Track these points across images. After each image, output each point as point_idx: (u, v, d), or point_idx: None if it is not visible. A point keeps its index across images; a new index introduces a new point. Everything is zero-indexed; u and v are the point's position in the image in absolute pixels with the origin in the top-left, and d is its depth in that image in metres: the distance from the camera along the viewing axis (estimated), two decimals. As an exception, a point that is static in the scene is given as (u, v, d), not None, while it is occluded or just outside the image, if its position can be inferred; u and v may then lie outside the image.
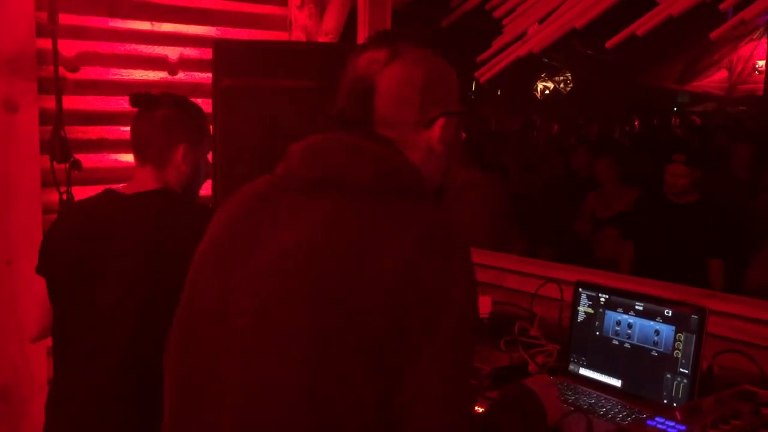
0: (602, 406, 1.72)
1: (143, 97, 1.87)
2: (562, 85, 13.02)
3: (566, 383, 1.87)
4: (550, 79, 13.06)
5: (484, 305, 2.40)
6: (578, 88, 12.97)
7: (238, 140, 2.90)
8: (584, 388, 1.83)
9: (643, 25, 3.05)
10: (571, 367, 1.93)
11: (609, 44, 3.20)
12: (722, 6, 2.80)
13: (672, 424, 1.35)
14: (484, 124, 8.50)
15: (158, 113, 1.85)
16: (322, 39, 3.40)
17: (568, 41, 10.61)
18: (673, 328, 1.72)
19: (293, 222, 1.11)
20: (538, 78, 13.07)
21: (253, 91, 2.99)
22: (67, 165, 2.66)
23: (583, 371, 1.90)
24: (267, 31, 3.50)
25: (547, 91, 13.08)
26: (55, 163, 2.64)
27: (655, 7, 3.00)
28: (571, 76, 12.98)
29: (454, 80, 1.26)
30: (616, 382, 1.82)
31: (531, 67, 12.99)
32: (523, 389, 1.35)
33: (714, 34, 2.89)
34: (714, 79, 11.80)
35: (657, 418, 1.38)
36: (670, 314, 1.73)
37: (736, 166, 4.75)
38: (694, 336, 1.68)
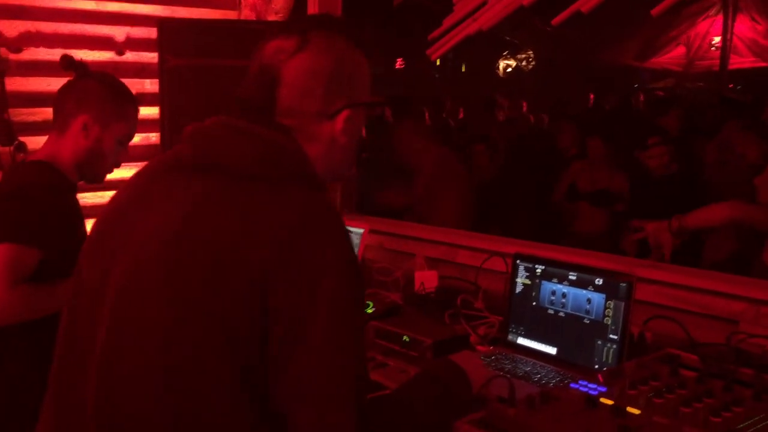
0: (537, 373, 1.78)
1: (75, 63, 1.86)
2: (524, 63, 13.08)
3: (504, 353, 1.92)
4: (513, 57, 13.11)
5: (431, 280, 2.45)
6: (540, 66, 13.05)
7: (186, 121, 2.89)
8: (522, 357, 1.89)
9: (587, 3, 3.09)
10: (510, 337, 1.98)
11: (555, 21, 3.24)
12: (663, -17, 2.86)
13: (594, 386, 1.41)
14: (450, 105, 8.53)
15: (81, 83, 1.85)
16: (271, 18, 3.39)
17: (529, 19, 10.68)
18: (604, 296, 1.78)
19: (167, 202, 1.13)
20: (501, 56, 13.11)
21: (201, 70, 2.98)
22: (12, 148, 2.64)
23: (521, 341, 1.96)
24: (216, 10, 3.47)
25: (509, 69, 13.13)
26: (-1, 147, 2.62)
27: (598, -15, 3.04)
28: (533, 54, 13.04)
29: (364, 71, 1.26)
30: (552, 350, 1.88)
31: (494, 45, 13.03)
32: (446, 363, 1.40)
33: (655, 11, 2.95)
34: (672, 56, 11.93)
35: (581, 381, 1.43)
36: (600, 283, 1.79)
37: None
38: (623, 303, 1.74)
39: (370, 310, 2.23)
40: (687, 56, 11.73)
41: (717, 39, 11.08)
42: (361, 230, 2.58)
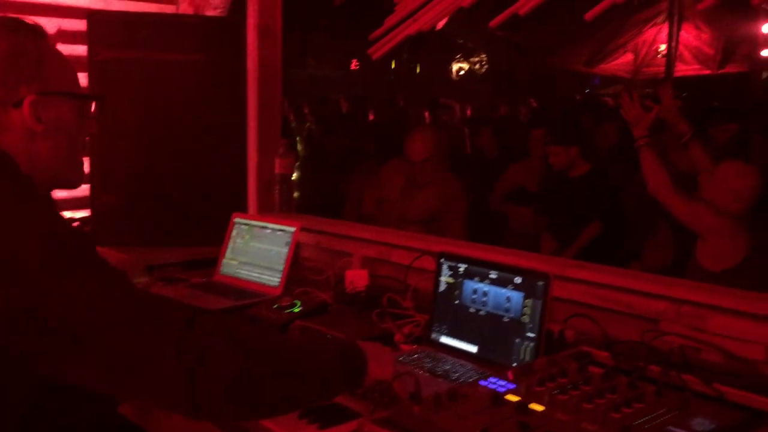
0: (456, 372, 1.78)
1: None
2: (477, 66, 13.22)
3: (427, 351, 1.92)
4: (466, 59, 13.23)
5: (361, 279, 2.44)
6: (493, 69, 13.21)
7: (117, 116, 2.83)
8: (443, 356, 1.89)
9: (524, 5, 3.12)
10: (434, 335, 1.98)
11: (492, 23, 3.27)
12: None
13: (503, 383, 1.42)
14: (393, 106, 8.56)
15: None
16: (210, 13, 3.35)
17: (482, 23, 10.79)
18: (522, 294, 1.79)
19: None
20: (454, 59, 13.23)
21: (135, 64, 2.92)
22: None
23: (444, 339, 1.96)
24: (155, 4, 3.41)
25: (462, 72, 13.25)
26: None
27: (534, -13, 3.08)
28: (486, 57, 13.18)
29: (59, 61, 1.24)
30: (473, 348, 1.89)
31: (448, 48, 13.14)
32: (346, 341, 1.38)
33: (588, 15, 2.99)
34: (621, 62, 12.16)
35: (490, 378, 1.44)
36: (519, 282, 1.81)
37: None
38: (540, 301, 1.76)
39: (297, 309, 2.21)
40: (635, 63, 11.98)
41: (663, 47, 11.34)
42: (293, 229, 2.56)
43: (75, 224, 2.97)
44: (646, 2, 10.18)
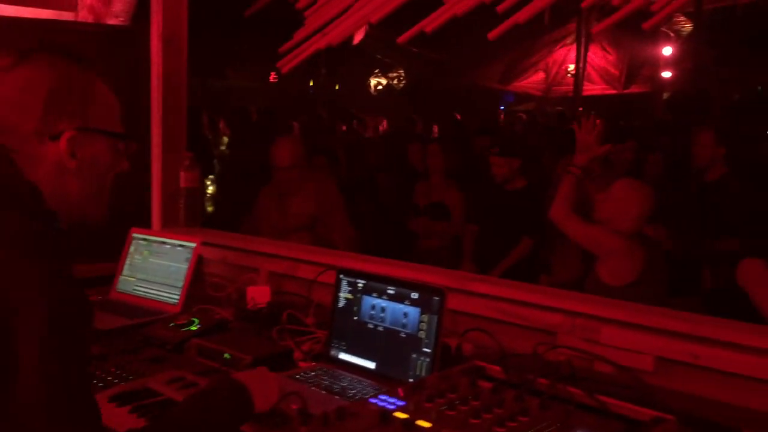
0: (353, 389, 1.77)
1: None
2: (395, 82, 13.36)
3: (325, 368, 1.90)
4: (384, 75, 13.36)
5: (263, 295, 2.40)
6: (411, 85, 13.38)
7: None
8: (341, 372, 1.88)
9: (430, 23, 3.17)
10: (332, 352, 1.97)
11: (399, 40, 3.30)
12: (499, 8, 2.98)
13: (393, 400, 1.41)
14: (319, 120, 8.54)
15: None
16: (111, 21, 3.24)
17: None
18: (419, 309, 1.80)
19: None
20: (372, 74, 13.34)
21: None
22: None
23: (343, 356, 1.94)
24: (53, 11, 3.28)
25: (380, 87, 13.37)
26: None
27: (440, 6, 3.14)
28: (404, 73, 13.35)
29: (103, 98, 1.21)
30: (371, 365, 1.88)
31: (367, 63, 13.23)
32: (225, 382, 1.36)
33: (491, 35, 3.06)
34: (533, 80, 12.60)
35: (380, 396, 1.43)
36: (416, 297, 1.81)
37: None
38: (436, 317, 1.77)
39: (194, 327, 2.15)
40: (546, 81, 12.42)
41: (572, 66, 11.79)
42: (193, 244, 2.49)
43: None
44: (556, 23, 10.56)
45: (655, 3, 2.62)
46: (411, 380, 1.77)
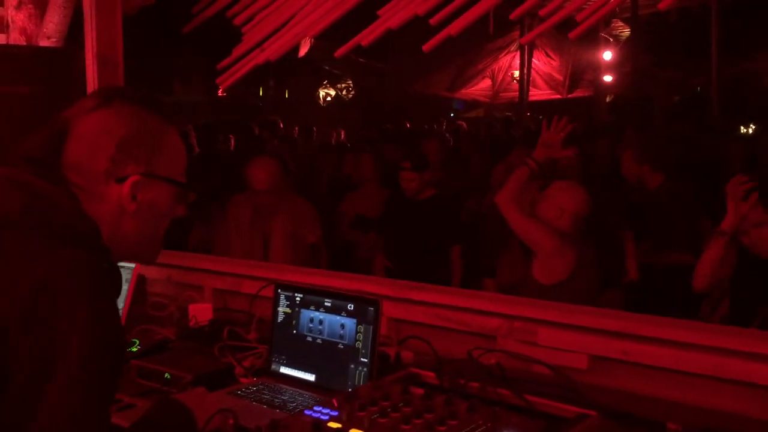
0: (293, 401, 1.79)
1: None
2: (344, 92, 13.41)
3: (266, 383, 1.92)
4: (332, 86, 13.40)
5: (205, 313, 2.40)
6: (360, 95, 13.45)
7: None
8: (283, 386, 1.89)
9: (366, 36, 3.23)
10: (273, 366, 1.98)
11: (337, 54, 3.35)
12: (432, 21, 3.05)
13: (327, 411, 1.44)
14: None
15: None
16: (44, 43, 3.20)
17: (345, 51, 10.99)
18: (355, 320, 1.83)
19: None
20: (320, 85, 13.37)
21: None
22: None
23: (284, 369, 1.96)
24: (-17, 33, 3.23)
25: (329, 98, 13.40)
26: None
27: (376, 20, 3.20)
28: (352, 83, 13.41)
29: (173, 149, 1.26)
30: (311, 377, 1.90)
31: (315, 74, 13.26)
32: (168, 403, 1.37)
33: (426, 47, 3.13)
34: (480, 87, 12.81)
35: (315, 407, 1.46)
36: (352, 308, 1.84)
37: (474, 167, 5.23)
38: (372, 326, 1.80)
39: (135, 348, 2.14)
40: (493, 88, 12.64)
41: (517, 73, 12.03)
42: (132, 265, 2.48)
43: None
44: (500, 31, 10.76)
45: (579, 14, 2.73)
46: (350, 391, 1.79)
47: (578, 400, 1.57)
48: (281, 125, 7.86)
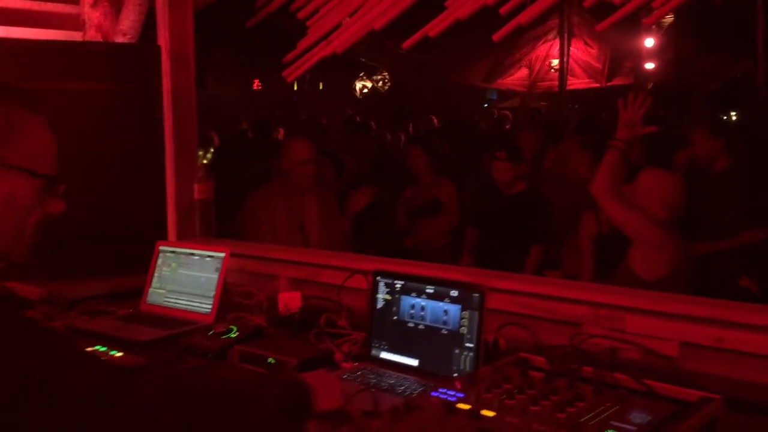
0: (401, 385, 1.83)
1: None
2: (380, 84, 13.43)
3: (369, 368, 1.96)
4: (369, 78, 13.43)
5: (294, 301, 2.46)
6: (396, 86, 13.46)
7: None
8: (386, 371, 1.94)
9: (434, 27, 3.24)
10: (374, 352, 2.03)
11: (405, 45, 3.37)
12: (502, 10, 3.06)
13: (452, 393, 1.48)
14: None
15: None
16: (119, 40, 3.28)
17: (384, 42, 10.99)
18: (459, 306, 1.87)
19: None
20: (357, 77, 13.40)
21: (41, 95, 2.82)
22: None
23: (384, 355, 2.01)
24: (60, 31, 3.31)
25: (365, 90, 13.43)
26: None
27: (444, 11, 3.21)
28: (388, 75, 13.42)
29: (34, 138, 1.21)
30: (414, 362, 1.94)
31: (351, 66, 13.29)
32: (291, 380, 1.39)
33: (496, 36, 3.14)
34: (516, 77, 12.71)
35: (440, 389, 1.50)
36: (456, 295, 1.88)
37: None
38: (477, 312, 1.84)
39: (233, 335, 2.20)
40: (530, 78, 12.55)
41: (555, 62, 11.92)
42: (222, 254, 2.55)
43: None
44: (537, 19, 10.68)
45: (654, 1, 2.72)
46: (455, 374, 1.83)
47: (692, 386, 1.58)
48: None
